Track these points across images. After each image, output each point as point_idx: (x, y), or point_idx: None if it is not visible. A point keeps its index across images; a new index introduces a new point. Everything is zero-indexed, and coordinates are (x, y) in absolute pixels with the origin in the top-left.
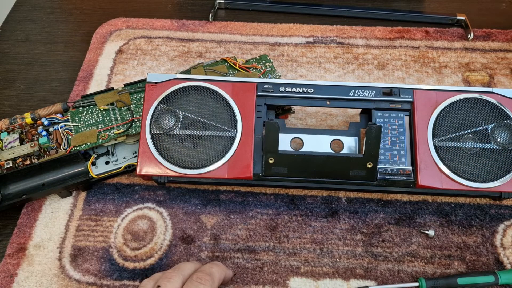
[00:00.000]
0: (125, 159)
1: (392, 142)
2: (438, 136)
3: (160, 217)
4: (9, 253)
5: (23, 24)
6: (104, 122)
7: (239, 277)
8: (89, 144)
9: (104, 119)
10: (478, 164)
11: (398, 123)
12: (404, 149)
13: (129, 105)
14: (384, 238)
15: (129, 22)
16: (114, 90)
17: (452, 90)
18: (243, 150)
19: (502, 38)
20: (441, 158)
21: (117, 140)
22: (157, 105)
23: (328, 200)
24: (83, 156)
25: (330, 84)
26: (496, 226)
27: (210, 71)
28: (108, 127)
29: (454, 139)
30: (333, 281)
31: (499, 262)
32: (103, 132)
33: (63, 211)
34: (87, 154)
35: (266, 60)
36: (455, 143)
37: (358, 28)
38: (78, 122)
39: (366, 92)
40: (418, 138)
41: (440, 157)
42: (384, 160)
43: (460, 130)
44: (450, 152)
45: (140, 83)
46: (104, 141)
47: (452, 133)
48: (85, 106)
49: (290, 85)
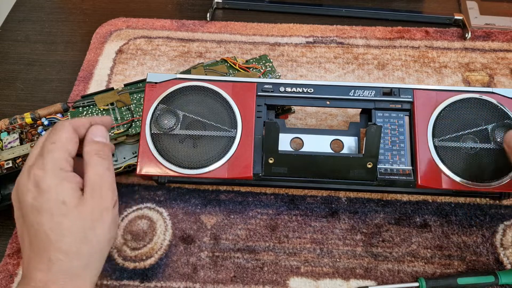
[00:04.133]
0: (125, 159)
1: (392, 142)
2: (438, 136)
3: (160, 217)
4: (9, 253)
5: (23, 24)
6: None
7: (239, 277)
8: None
9: None
10: (478, 164)
11: (398, 123)
12: (404, 149)
13: (129, 105)
14: (384, 238)
15: (129, 22)
16: (114, 90)
17: (452, 90)
18: (243, 150)
19: (502, 38)
20: (441, 158)
21: (117, 140)
22: (157, 105)
23: (328, 200)
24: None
25: (330, 84)
26: (496, 226)
27: (210, 71)
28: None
29: (454, 139)
30: (333, 281)
31: (499, 262)
32: None
33: None
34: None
35: (266, 60)
36: (455, 143)
37: (358, 28)
38: None
39: (366, 92)
40: (418, 138)
41: (440, 157)
42: (384, 160)
43: (460, 130)
44: (450, 152)
45: (140, 83)
46: None
47: (452, 133)
48: (85, 106)
49: (290, 85)
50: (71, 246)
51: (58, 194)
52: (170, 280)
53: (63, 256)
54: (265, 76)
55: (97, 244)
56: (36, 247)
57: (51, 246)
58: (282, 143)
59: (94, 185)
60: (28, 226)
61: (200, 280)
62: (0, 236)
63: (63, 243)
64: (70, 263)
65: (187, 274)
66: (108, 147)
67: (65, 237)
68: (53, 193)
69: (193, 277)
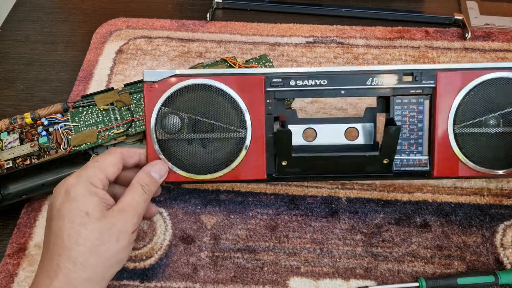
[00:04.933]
0: None
1: (410, 130)
2: (459, 122)
3: (160, 217)
4: (9, 253)
5: (23, 24)
6: (104, 122)
7: (239, 277)
8: (89, 144)
9: (104, 119)
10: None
11: (417, 109)
12: (422, 138)
13: (129, 105)
14: (384, 238)
15: (129, 22)
16: (114, 90)
17: (480, 68)
18: (255, 151)
19: (502, 38)
20: (459, 146)
21: (117, 140)
22: (159, 108)
23: (328, 200)
24: (83, 156)
25: (345, 70)
26: (496, 226)
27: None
28: (108, 127)
29: (475, 124)
30: (333, 281)
31: (499, 262)
32: (103, 132)
33: None
34: (87, 154)
35: (266, 60)
36: (476, 128)
37: (358, 28)
38: (78, 122)
39: (385, 79)
40: (437, 125)
41: (459, 145)
42: (401, 150)
43: (484, 114)
44: (469, 138)
45: (140, 83)
46: (104, 141)
47: (474, 118)
48: (85, 106)
49: (301, 77)
50: (81, 256)
51: (84, 205)
52: (170, 280)
53: (70, 265)
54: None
55: (105, 261)
56: (51, 251)
57: (64, 253)
58: (294, 135)
59: (124, 206)
60: (50, 228)
61: (200, 280)
62: (1, 236)
63: (75, 252)
64: (75, 274)
65: (187, 274)
66: (156, 186)
67: (78, 246)
68: (79, 202)
69: (193, 277)
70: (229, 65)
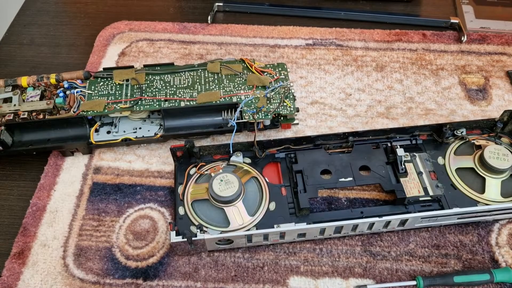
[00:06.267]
0: (125, 133)
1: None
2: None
3: (161, 217)
4: (15, 252)
5: (28, 27)
6: (114, 95)
7: (240, 276)
8: (95, 111)
9: (116, 92)
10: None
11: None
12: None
13: (142, 85)
14: (383, 238)
15: (132, 25)
16: (133, 68)
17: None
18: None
19: (497, 41)
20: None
21: (122, 113)
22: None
23: (328, 200)
24: (89, 122)
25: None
26: (492, 225)
27: (225, 67)
28: (117, 100)
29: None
30: (332, 280)
31: (494, 260)
32: (111, 104)
33: (67, 210)
34: (93, 121)
35: (282, 68)
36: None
37: (356, 31)
38: (93, 91)
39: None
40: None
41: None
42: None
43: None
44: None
45: (158, 66)
46: (109, 111)
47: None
48: (103, 77)
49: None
50: None
51: None
52: (172, 279)
53: None
54: (277, 83)
55: None
56: None
57: None
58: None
59: None
60: None
61: (201, 279)
62: (6, 235)
63: None
64: None
65: (188, 273)
66: None
67: None
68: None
69: (195, 276)
70: (245, 66)
